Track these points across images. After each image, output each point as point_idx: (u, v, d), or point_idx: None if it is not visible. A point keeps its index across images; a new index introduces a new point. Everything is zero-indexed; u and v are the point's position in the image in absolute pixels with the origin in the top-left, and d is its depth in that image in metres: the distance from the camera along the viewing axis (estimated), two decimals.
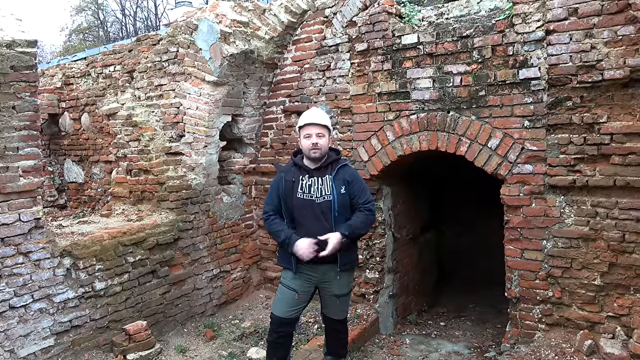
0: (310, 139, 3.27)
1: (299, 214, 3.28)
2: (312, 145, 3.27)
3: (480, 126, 3.83)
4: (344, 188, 3.27)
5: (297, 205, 3.28)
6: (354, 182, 3.32)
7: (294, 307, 3.35)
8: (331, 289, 3.36)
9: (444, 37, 3.94)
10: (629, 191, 3.30)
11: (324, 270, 3.30)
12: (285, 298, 3.35)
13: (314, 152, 3.28)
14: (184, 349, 4.25)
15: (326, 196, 3.25)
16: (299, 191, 3.29)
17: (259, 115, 5.23)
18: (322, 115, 3.37)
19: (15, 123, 3.51)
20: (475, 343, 4.44)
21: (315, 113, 3.40)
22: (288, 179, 3.33)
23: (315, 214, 3.25)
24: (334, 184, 3.26)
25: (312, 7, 4.76)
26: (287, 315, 3.33)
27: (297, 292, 3.31)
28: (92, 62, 5.86)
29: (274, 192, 3.39)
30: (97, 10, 28.71)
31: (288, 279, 3.36)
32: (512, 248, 3.79)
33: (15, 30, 3.53)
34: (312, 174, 3.32)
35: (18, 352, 3.50)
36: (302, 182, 3.30)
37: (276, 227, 3.31)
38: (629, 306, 3.36)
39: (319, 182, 3.28)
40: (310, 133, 3.28)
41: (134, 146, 5.01)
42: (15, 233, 3.50)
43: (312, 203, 3.26)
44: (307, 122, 3.31)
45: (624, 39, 3.18)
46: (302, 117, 3.40)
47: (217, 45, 4.60)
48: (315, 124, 3.29)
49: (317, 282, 3.36)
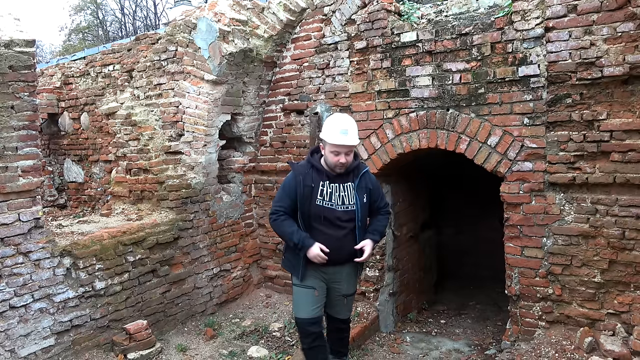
0: (339, 157, 3.10)
1: (317, 221, 3.14)
2: (340, 164, 3.12)
3: (480, 124, 3.83)
4: (366, 197, 3.19)
5: (315, 213, 3.14)
6: (375, 189, 3.30)
7: (316, 304, 3.27)
8: (340, 289, 3.33)
9: (443, 35, 3.93)
10: (628, 188, 3.30)
11: (334, 270, 3.25)
12: (305, 298, 3.26)
13: (339, 168, 3.14)
14: (185, 347, 4.25)
15: (349, 205, 3.15)
16: (319, 197, 3.14)
17: (258, 113, 5.22)
18: (354, 132, 3.14)
19: (14, 123, 3.50)
20: (476, 341, 4.44)
21: (347, 130, 3.09)
22: (307, 184, 3.15)
23: (334, 223, 3.13)
24: (357, 193, 3.16)
25: (311, 6, 4.75)
26: (313, 314, 3.25)
27: (315, 288, 3.24)
28: (91, 61, 5.85)
29: (287, 195, 3.20)
30: (96, 10, 28.66)
31: (303, 279, 3.27)
32: (512, 246, 3.79)
33: (14, 30, 3.52)
34: (333, 180, 3.17)
35: (18, 351, 3.50)
36: (323, 189, 3.15)
37: (287, 228, 3.15)
38: (629, 303, 3.36)
39: (340, 190, 3.16)
40: (339, 151, 3.10)
41: (133, 145, 5.01)
42: (15, 233, 3.50)
43: (333, 211, 3.14)
44: (339, 143, 3.07)
45: (624, 35, 3.18)
46: (331, 129, 3.10)
47: (216, 44, 4.59)
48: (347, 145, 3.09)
49: (327, 282, 3.30)
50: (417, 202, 5.26)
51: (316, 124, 4.75)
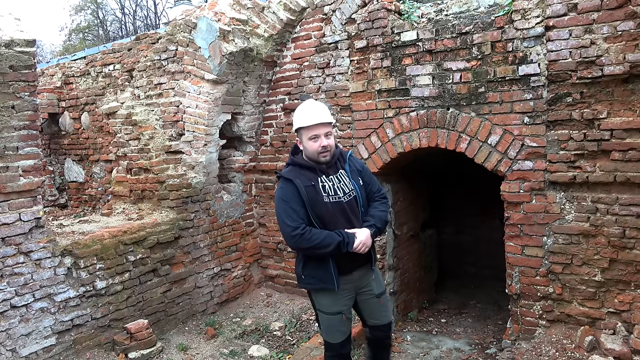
0: (319, 140, 2.83)
1: (331, 219, 2.84)
2: (322, 149, 2.84)
3: (480, 123, 3.83)
4: (360, 180, 2.97)
5: (327, 211, 2.84)
6: (364, 170, 3.06)
7: (345, 327, 3.06)
8: (371, 290, 3.04)
9: (443, 34, 3.93)
10: (629, 187, 3.29)
11: (359, 274, 2.98)
12: (334, 325, 3.02)
13: (324, 155, 2.86)
14: (185, 347, 4.26)
15: (351, 192, 2.91)
16: (324, 194, 2.86)
17: (259, 113, 5.23)
18: (326, 111, 2.91)
19: (14, 123, 3.51)
20: (476, 339, 4.44)
21: (317, 110, 2.89)
22: (307, 185, 2.85)
23: (346, 216, 2.88)
24: (351, 178, 2.94)
25: (311, 5, 4.75)
26: (345, 336, 3.06)
27: (342, 313, 2.99)
28: (92, 61, 5.85)
29: (295, 203, 2.81)
30: (97, 9, 28.69)
31: (327, 304, 2.97)
32: (513, 244, 3.79)
33: (14, 30, 3.52)
34: (328, 173, 2.93)
35: (20, 351, 3.51)
36: (323, 184, 2.88)
37: (320, 236, 2.77)
38: (630, 302, 3.36)
39: (336, 180, 2.92)
40: (317, 134, 2.83)
41: (134, 145, 5.02)
42: (15, 233, 3.51)
43: (340, 204, 2.87)
44: (313, 123, 2.83)
45: (624, 34, 3.17)
46: (301, 114, 2.90)
47: (216, 43, 4.59)
48: (322, 123, 2.84)
49: (355, 291, 3.02)
50: (418, 201, 5.26)
51: None
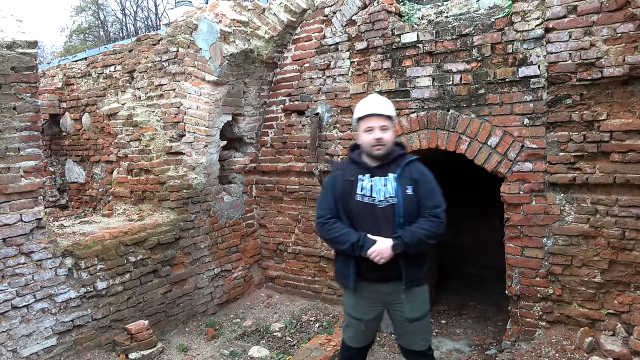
0: (373, 133, 2.74)
1: (358, 219, 2.76)
2: (375, 141, 2.73)
3: (480, 124, 3.84)
4: (410, 189, 2.74)
5: (356, 210, 2.77)
6: (423, 181, 2.78)
7: (361, 336, 2.96)
8: (402, 312, 2.82)
9: (444, 36, 3.94)
10: (628, 188, 3.30)
11: (387, 290, 2.81)
12: (352, 328, 2.96)
13: (377, 149, 2.75)
14: (186, 348, 4.26)
15: (390, 199, 2.73)
16: (358, 193, 2.77)
17: (259, 114, 5.24)
18: (385, 104, 2.83)
19: (16, 124, 3.52)
20: (476, 341, 4.45)
21: (376, 101, 2.83)
22: (346, 178, 2.81)
23: (376, 221, 2.74)
24: (398, 184, 2.74)
25: (311, 6, 4.76)
26: (361, 344, 2.99)
27: (362, 321, 2.89)
28: (93, 62, 5.87)
29: (329, 194, 2.85)
30: (98, 10, 28.72)
31: (349, 305, 2.93)
32: (513, 246, 3.80)
33: (16, 32, 3.54)
34: (374, 173, 2.79)
35: (20, 351, 3.52)
36: (362, 182, 2.78)
37: (338, 231, 2.75)
38: (630, 303, 3.37)
39: (381, 183, 2.76)
40: (372, 126, 2.75)
41: (134, 146, 5.03)
42: (17, 233, 3.52)
43: (374, 207, 2.74)
44: (367, 113, 2.77)
45: (623, 36, 3.18)
46: (361, 106, 2.85)
47: (217, 44, 4.60)
48: (378, 114, 2.76)
49: (384, 306, 2.88)
50: None
51: (317, 124, 4.76)
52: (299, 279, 5.25)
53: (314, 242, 5.04)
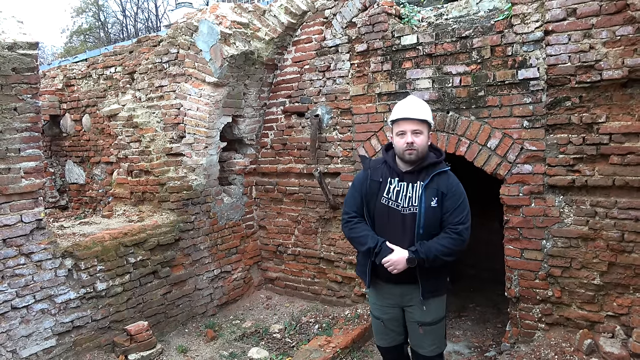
0: (405, 137, 2.68)
1: (381, 222, 2.75)
2: (407, 146, 2.67)
3: (480, 126, 3.85)
4: (435, 200, 2.68)
5: (379, 212, 2.75)
6: (450, 194, 2.72)
7: (386, 335, 2.97)
8: (414, 315, 2.84)
9: (443, 38, 3.95)
10: (627, 191, 3.31)
11: (402, 291, 2.81)
12: (377, 328, 3.01)
13: (409, 153, 2.69)
14: (185, 349, 4.26)
15: (413, 207, 2.69)
16: (384, 196, 2.74)
17: (259, 116, 5.24)
18: (420, 107, 2.75)
19: (16, 125, 3.53)
20: (476, 343, 4.45)
21: (412, 104, 2.76)
22: (374, 179, 2.79)
23: (397, 227, 2.71)
24: (424, 194, 2.68)
25: (311, 8, 4.77)
26: (387, 344, 3.00)
27: (382, 321, 2.92)
28: (93, 63, 5.88)
29: (357, 191, 2.83)
30: (98, 12, 28.77)
31: (371, 302, 3.01)
32: (512, 248, 3.80)
33: (17, 33, 3.54)
34: (403, 178, 2.75)
35: (20, 352, 3.52)
36: (390, 186, 2.74)
37: (360, 232, 2.76)
38: (629, 305, 3.37)
39: (408, 189, 2.72)
40: (404, 130, 2.69)
41: (134, 147, 5.04)
42: (17, 234, 3.53)
43: (397, 213, 2.71)
44: (400, 117, 2.72)
45: (623, 39, 3.19)
46: (397, 108, 2.79)
47: (217, 46, 4.61)
48: (412, 119, 2.69)
49: (400, 307, 2.88)
50: None
51: (317, 126, 4.77)
52: (299, 281, 5.25)
53: (314, 243, 5.05)
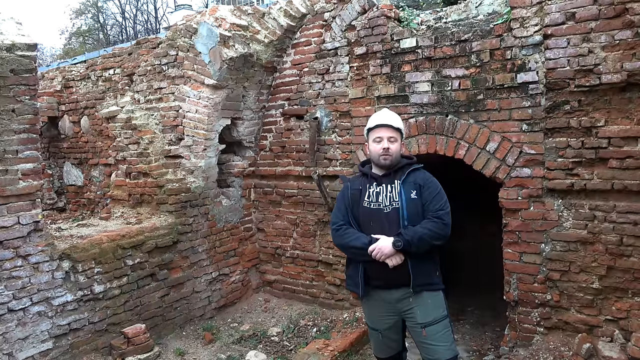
0: (381, 143, 2.90)
1: (366, 225, 2.88)
2: (383, 151, 2.88)
3: (479, 129, 3.85)
4: (414, 193, 2.85)
5: (363, 215, 2.90)
6: (427, 186, 2.89)
7: (383, 346, 3.05)
8: (414, 317, 2.86)
9: (443, 41, 3.95)
10: (626, 195, 3.31)
11: (398, 296, 2.87)
12: (374, 339, 3.09)
13: (384, 158, 2.89)
14: (183, 352, 4.24)
15: (394, 203, 2.84)
16: (366, 199, 2.91)
17: (258, 118, 5.24)
18: (395, 117, 3.02)
19: (14, 126, 3.51)
20: (474, 346, 4.44)
21: (388, 114, 3.02)
22: (355, 188, 2.98)
23: (383, 224, 2.84)
24: (402, 189, 2.85)
25: (311, 11, 4.78)
26: (383, 355, 3.09)
27: (379, 332, 2.99)
28: (92, 65, 5.88)
29: (341, 203, 3.00)
30: (97, 13, 28.78)
31: (366, 315, 3.10)
32: (511, 251, 3.80)
33: (16, 34, 3.54)
34: (381, 181, 2.93)
35: (16, 355, 3.50)
36: (370, 190, 2.92)
37: (350, 235, 2.87)
38: (627, 309, 3.36)
39: (387, 190, 2.89)
40: (381, 136, 2.91)
41: (133, 149, 5.02)
42: (14, 236, 3.51)
43: (380, 212, 2.86)
44: (377, 124, 2.95)
45: (622, 43, 3.20)
46: (372, 118, 3.04)
47: (216, 48, 4.61)
48: (388, 125, 2.92)
49: (398, 315, 2.94)
50: None
51: (316, 128, 4.76)
52: (297, 284, 5.24)
53: (312, 246, 5.04)
